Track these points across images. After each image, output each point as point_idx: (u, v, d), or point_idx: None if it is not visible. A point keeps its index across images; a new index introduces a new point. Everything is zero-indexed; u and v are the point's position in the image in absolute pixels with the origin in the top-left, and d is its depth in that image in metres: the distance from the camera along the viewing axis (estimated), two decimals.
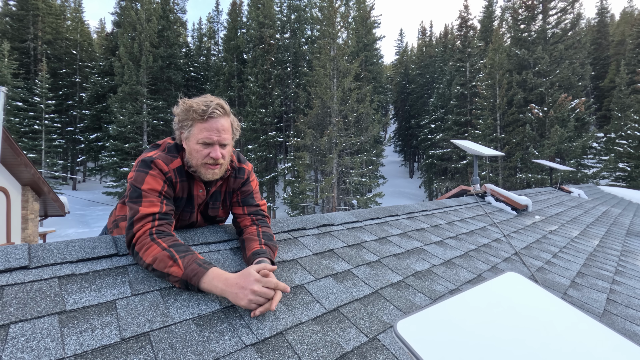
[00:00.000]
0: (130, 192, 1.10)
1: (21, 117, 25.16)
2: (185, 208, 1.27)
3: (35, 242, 8.76)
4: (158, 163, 1.13)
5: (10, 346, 0.68)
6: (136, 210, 1.06)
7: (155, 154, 1.17)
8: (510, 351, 0.58)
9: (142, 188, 1.09)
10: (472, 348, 0.57)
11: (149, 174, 1.11)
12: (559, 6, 23.05)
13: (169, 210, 1.13)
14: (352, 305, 1.11)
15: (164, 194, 1.13)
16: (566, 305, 0.75)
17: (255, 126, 25.77)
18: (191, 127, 1.17)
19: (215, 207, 1.37)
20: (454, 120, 29.27)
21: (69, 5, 37.04)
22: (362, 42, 31.46)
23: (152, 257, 0.97)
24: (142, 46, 25.40)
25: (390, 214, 2.24)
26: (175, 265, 0.95)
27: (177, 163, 1.19)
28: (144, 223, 1.04)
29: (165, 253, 0.97)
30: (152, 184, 1.11)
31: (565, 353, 0.59)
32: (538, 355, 0.57)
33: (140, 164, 1.14)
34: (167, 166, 1.15)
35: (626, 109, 24.46)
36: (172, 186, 1.17)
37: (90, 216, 22.50)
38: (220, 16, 48.45)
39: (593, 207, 5.21)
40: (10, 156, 7.78)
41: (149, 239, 1.01)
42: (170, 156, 1.19)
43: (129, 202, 1.10)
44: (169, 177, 1.15)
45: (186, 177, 1.22)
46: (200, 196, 1.29)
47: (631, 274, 2.18)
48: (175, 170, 1.18)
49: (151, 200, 1.09)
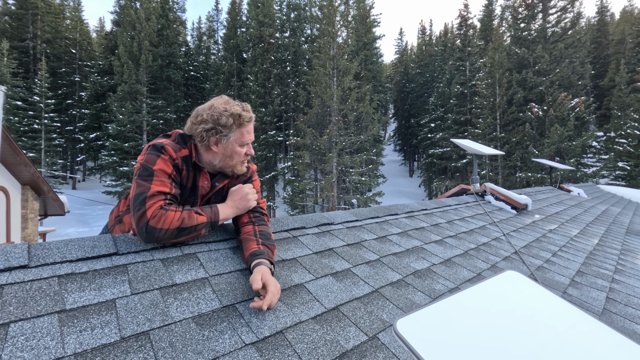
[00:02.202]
0: (141, 171, 1.13)
1: (20, 117, 25.12)
2: (188, 197, 1.30)
3: (35, 242, 8.75)
4: (168, 149, 1.18)
5: (10, 345, 0.68)
6: (147, 187, 1.09)
7: (165, 141, 1.22)
8: (510, 350, 0.58)
9: (153, 168, 1.13)
10: (471, 347, 0.57)
11: (160, 157, 1.16)
12: (559, 5, 23.02)
13: (177, 194, 1.20)
14: (352, 304, 1.11)
15: (173, 177, 1.18)
16: (566, 304, 0.75)
17: (255, 125, 25.69)
18: (234, 132, 1.24)
19: (217, 202, 1.39)
20: (453, 119, 29.25)
21: (68, 4, 36.95)
22: (362, 41, 31.42)
23: (179, 218, 1.10)
24: (142, 45, 25.35)
25: (390, 213, 2.24)
26: (200, 215, 1.16)
27: (184, 152, 1.23)
28: (156, 200, 1.09)
29: (187, 212, 1.13)
30: (162, 166, 1.15)
31: (564, 352, 0.59)
32: (537, 354, 0.57)
33: (151, 147, 1.18)
34: (175, 154, 1.20)
35: (626, 107, 24.45)
36: (179, 173, 1.22)
37: (90, 215, 22.50)
38: (219, 15, 48.46)
39: (593, 206, 5.21)
40: (10, 155, 7.77)
41: (163, 211, 1.08)
42: (179, 146, 1.24)
43: (139, 179, 1.11)
44: (176, 164, 1.20)
45: (192, 167, 1.27)
46: (205, 187, 1.32)
47: (630, 272, 2.18)
48: (182, 158, 1.22)
49: (162, 180, 1.13)
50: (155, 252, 1.12)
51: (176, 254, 1.15)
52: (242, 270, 1.16)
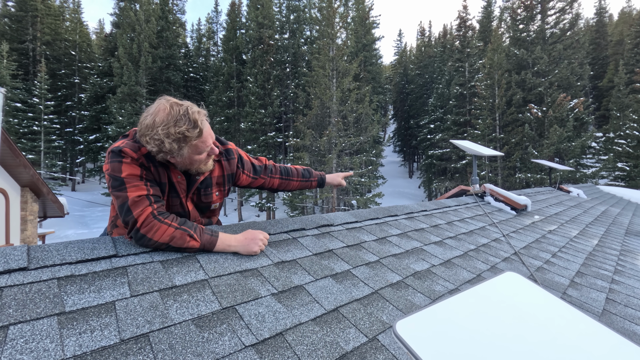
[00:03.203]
0: (112, 183, 1.09)
1: (20, 118, 25.13)
2: (170, 194, 1.25)
3: (34, 244, 8.74)
4: (126, 151, 1.11)
5: (10, 348, 0.68)
6: (125, 197, 1.07)
7: (122, 143, 1.14)
8: (510, 351, 0.58)
9: (121, 176, 1.08)
10: (471, 348, 0.57)
11: (123, 163, 1.10)
12: (558, 6, 23.12)
13: (158, 192, 1.15)
14: (352, 305, 1.11)
15: (145, 177, 1.13)
16: (565, 305, 0.75)
17: (255, 127, 25.77)
18: (184, 149, 1.12)
19: (208, 193, 1.36)
20: (453, 120, 29.30)
21: (67, 6, 37.02)
22: (361, 42, 31.49)
23: (169, 236, 1.08)
24: (141, 47, 25.39)
25: (389, 214, 2.24)
26: (193, 240, 1.12)
27: (144, 150, 1.15)
28: (143, 207, 1.06)
29: (180, 231, 1.10)
30: (129, 170, 1.10)
31: (564, 353, 0.59)
32: (537, 355, 0.57)
33: (111, 155, 1.12)
34: (135, 153, 1.12)
35: (625, 108, 24.51)
36: (148, 171, 1.15)
37: (89, 217, 22.47)
38: (219, 17, 48.50)
39: (592, 207, 5.22)
40: (9, 157, 7.77)
41: (155, 221, 1.07)
42: (138, 144, 1.16)
43: (114, 192, 1.09)
44: (141, 163, 1.13)
45: (159, 163, 1.18)
46: (181, 182, 1.25)
47: (630, 273, 2.18)
48: (144, 156, 1.15)
49: (135, 184, 1.09)
50: (155, 254, 1.12)
51: (176, 255, 1.15)
52: (242, 271, 1.16)
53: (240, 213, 27.94)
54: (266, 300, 1.03)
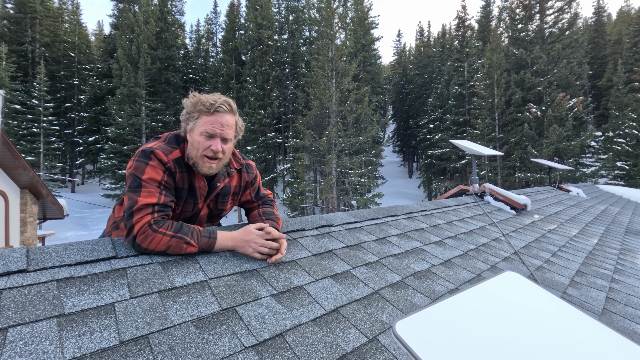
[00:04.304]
0: (131, 182, 1.13)
1: (19, 120, 25.12)
2: (187, 199, 1.29)
3: (33, 245, 8.73)
4: (157, 153, 1.15)
5: (9, 350, 0.68)
6: (135, 200, 1.09)
7: (155, 145, 1.20)
8: (510, 351, 0.58)
9: (142, 178, 1.12)
10: (471, 348, 0.57)
11: (148, 165, 1.14)
12: (556, 6, 23.15)
13: (168, 202, 1.17)
14: (352, 306, 1.11)
15: (164, 184, 1.16)
16: (565, 304, 0.75)
17: (254, 127, 25.75)
18: (197, 119, 1.21)
19: (225, 201, 1.41)
20: (452, 120, 29.31)
21: (66, 7, 37.02)
22: (360, 42, 31.51)
23: (165, 245, 1.08)
24: (140, 48, 25.39)
25: (389, 215, 2.24)
26: (190, 246, 1.12)
27: (176, 154, 1.22)
28: (143, 215, 1.08)
29: (176, 240, 1.09)
30: (151, 174, 1.13)
31: (564, 352, 0.59)
32: (537, 355, 0.57)
33: (140, 154, 1.16)
34: (166, 157, 1.17)
35: (624, 107, 24.55)
36: (172, 176, 1.20)
37: (89, 219, 22.45)
38: (218, 18, 48.42)
39: (592, 206, 5.22)
40: (9, 159, 7.76)
41: (150, 231, 1.07)
42: (170, 147, 1.22)
43: (129, 191, 1.12)
44: (168, 167, 1.18)
45: (186, 169, 1.25)
46: (202, 188, 1.30)
47: (630, 272, 2.18)
48: (174, 161, 1.20)
49: (150, 190, 1.11)
50: (155, 256, 1.12)
51: (175, 257, 1.15)
52: (242, 272, 1.16)
53: (240, 214, 27.92)
54: (266, 301, 1.03)
